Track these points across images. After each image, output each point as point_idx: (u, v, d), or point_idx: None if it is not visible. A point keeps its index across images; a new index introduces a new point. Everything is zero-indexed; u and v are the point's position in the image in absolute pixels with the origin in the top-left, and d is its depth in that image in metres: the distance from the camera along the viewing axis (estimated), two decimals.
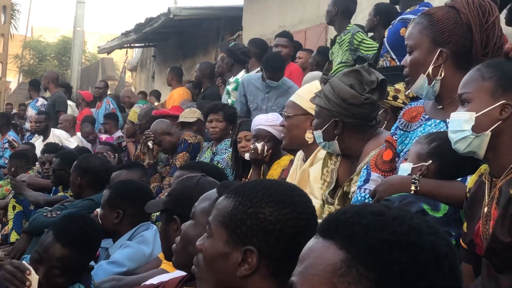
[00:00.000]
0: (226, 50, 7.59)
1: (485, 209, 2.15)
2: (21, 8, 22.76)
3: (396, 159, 2.78)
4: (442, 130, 2.60)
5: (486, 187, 2.18)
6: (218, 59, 8.52)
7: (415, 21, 2.72)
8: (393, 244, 1.10)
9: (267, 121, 4.41)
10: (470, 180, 2.31)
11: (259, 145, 4.35)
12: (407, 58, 2.71)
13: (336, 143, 3.04)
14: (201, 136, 6.28)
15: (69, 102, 11.16)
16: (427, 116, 2.74)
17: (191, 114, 6.54)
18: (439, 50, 2.62)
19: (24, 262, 2.81)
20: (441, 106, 2.67)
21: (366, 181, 2.80)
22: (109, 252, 3.65)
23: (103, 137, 9.33)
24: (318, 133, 3.06)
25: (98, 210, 3.85)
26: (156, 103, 10.00)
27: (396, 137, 2.80)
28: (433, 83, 2.64)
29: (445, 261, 1.12)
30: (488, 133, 2.16)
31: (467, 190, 2.29)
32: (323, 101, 3.00)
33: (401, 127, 2.80)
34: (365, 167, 2.86)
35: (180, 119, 6.58)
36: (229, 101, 6.96)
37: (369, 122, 3.00)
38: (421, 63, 2.65)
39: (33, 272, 2.70)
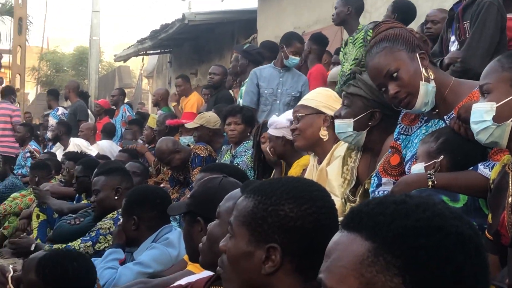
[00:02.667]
0: (241, 51, 7.61)
1: (510, 199, 2.15)
2: (37, 20, 22.92)
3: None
4: None
5: (510, 177, 2.18)
6: (232, 58, 8.53)
7: (376, 51, 2.72)
8: (418, 230, 1.12)
9: (270, 124, 4.41)
10: (494, 171, 2.32)
11: (267, 147, 4.39)
12: (393, 85, 2.68)
13: (364, 134, 3.05)
14: (211, 141, 6.31)
15: (88, 111, 11.25)
16: (425, 118, 2.77)
17: (196, 120, 6.55)
18: (418, 54, 2.66)
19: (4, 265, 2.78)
20: (436, 111, 2.70)
21: (378, 185, 2.83)
22: (134, 257, 3.67)
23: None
24: (347, 122, 3.07)
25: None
26: (174, 104, 10.03)
27: (399, 141, 2.82)
28: (432, 85, 2.66)
29: (471, 244, 1.13)
30: (509, 122, 2.16)
31: (491, 181, 2.29)
32: (363, 90, 3.01)
33: (402, 132, 2.82)
34: (374, 174, 2.88)
35: (187, 125, 6.63)
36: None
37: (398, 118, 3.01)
38: (413, 74, 2.66)
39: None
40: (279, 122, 4.37)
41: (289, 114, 4.30)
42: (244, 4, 13.36)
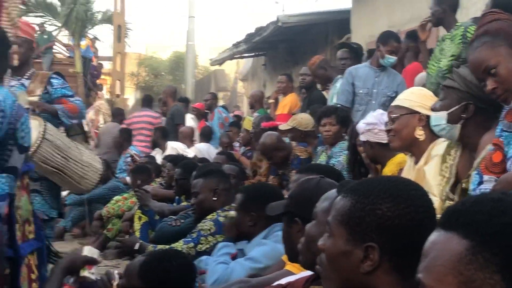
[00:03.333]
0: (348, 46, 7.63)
1: None
2: (135, 27, 23.63)
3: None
4: None
5: None
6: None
7: (476, 45, 2.69)
8: None
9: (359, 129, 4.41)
10: None
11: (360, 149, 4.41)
12: (491, 80, 2.65)
13: (458, 128, 3.02)
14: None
15: (189, 115, 11.44)
16: None
17: (289, 122, 6.60)
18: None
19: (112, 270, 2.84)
20: None
21: (480, 183, 2.78)
22: (244, 252, 3.74)
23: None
24: (441, 114, 3.05)
25: (232, 212, 3.95)
26: (271, 101, 10.10)
27: (502, 138, 2.76)
28: None
29: None
30: None
31: None
32: (457, 83, 2.99)
33: (505, 129, 2.76)
34: (476, 172, 2.83)
35: (280, 127, 6.69)
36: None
37: (496, 113, 2.96)
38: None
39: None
40: (359, 128, 4.38)
41: (366, 119, 4.31)
42: (337, 5, 13.29)
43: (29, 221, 3.05)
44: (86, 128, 5.03)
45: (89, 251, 2.79)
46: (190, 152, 9.13)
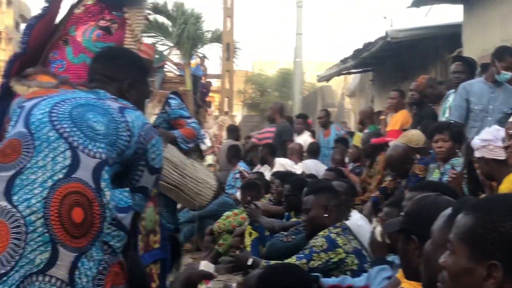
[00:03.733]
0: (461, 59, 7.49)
1: None
2: (243, 45, 24.05)
3: None
4: None
5: None
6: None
7: None
8: None
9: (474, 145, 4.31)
10: None
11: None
12: None
13: None
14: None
15: (307, 132, 11.49)
16: None
17: (400, 139, 6.53)
18: None
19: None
20: None
21: None
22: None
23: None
24: None
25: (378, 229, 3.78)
26: (382, 117, 10.00)
27: None
28: None
29: None
30: None
31: None
32: None
33: None
34: None
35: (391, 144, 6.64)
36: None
37: None
38: None
39: None
40: (474, 144, 4.29)
41: (481, 135, 4.22)
42: (447, 18, 13.04)
43: (155, 231, 3.15)
44: (203, 147, 5.15)
45: (205, 265, 2.86)
46: (297, 169, 9.16)
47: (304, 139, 10.99)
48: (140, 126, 2.59)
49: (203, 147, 11.87)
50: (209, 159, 12.10)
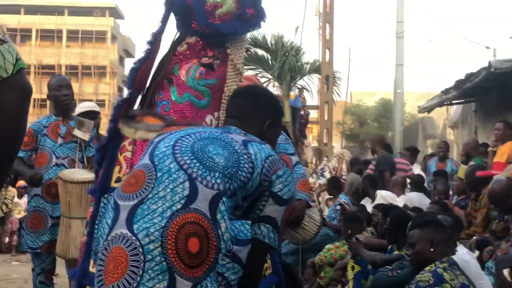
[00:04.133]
0: None
1: None
2: (341, 76, 24.00)
3: None
4: None
5: None
6: None
7: None
8: None
9: None
10: None
11: None
12: None
13: None
14: None
15: (417, 165, 11.37)
16: None
17: (504, 173, 6.34)
18: None
19: None
20: None
21: None
22: None
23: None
24: None
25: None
26: (490, 149, 9.76)
27: None
28: None
29: None
30: None
31: None
32: None
33: None
34: None
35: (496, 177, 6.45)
36: None
37: None
38: None
39: None
40: None
41: None
42: None
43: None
44: (322, 181, 5.10)
45: None
46: (400, 201, 9.05)
47: (413, 172, 10.87)
48: (263, 159, 2.66)
49: (322, 180, 11.91)
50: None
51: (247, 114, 2.94)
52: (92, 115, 6.93)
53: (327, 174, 13.00)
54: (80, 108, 7.26)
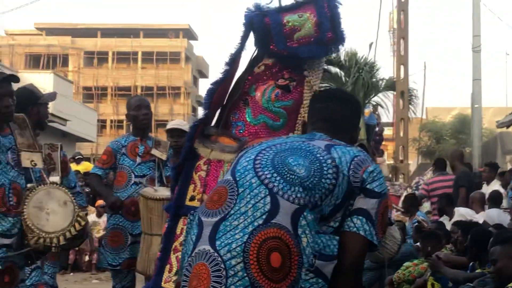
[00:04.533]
0: None
1: None
2: (417, 93, 23.71)
3: None
4: None
5: None
6: None
7: None
8: None
9: None
10: None
11: None
12: None
13: None
14: None
15: (497, 181, 11.17)
16: None
17: None
18: None
19: None
20: None
21: None
22: None
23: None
24: None
25: None
26: None
27: None
28: None
29: None
30: None
31: None
32: None
33: None
34: None
35: None
36: None
37: None
38: None
39: None
40: None
41: None
42: None
43: None
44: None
45: None
46: (479, 218, 8.88)
47: (493, 188, 10.64)
48: (348, 161, 2.61)
49: (418, 194, 11.78)
50: (426, 206, 11.90)
51: (340, 118, 2.89)
52: (180, 133, 6.85)
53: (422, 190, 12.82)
54: (169, 125, 7.23)
